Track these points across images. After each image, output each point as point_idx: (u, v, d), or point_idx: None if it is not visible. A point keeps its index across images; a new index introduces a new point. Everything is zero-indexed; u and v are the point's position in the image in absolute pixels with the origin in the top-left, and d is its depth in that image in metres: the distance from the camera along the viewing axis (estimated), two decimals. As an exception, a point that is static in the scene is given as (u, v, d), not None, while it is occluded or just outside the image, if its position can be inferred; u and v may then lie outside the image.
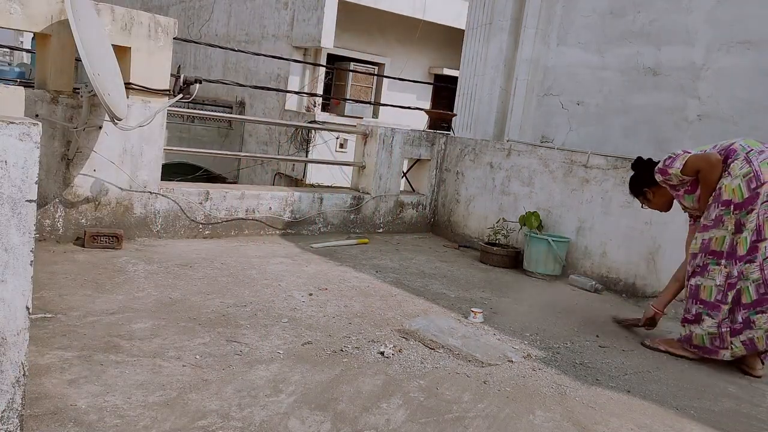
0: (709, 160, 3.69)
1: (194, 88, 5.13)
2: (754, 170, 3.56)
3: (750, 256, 3.61)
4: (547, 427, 2.76)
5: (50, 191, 4.58)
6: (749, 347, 3.68)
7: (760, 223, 3.56)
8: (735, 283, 3.67)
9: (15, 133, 1.89)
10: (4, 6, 4.20)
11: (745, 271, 3.64)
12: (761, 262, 3.59)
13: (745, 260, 3.63)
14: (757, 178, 3.55)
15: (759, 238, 3.58)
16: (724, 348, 3.73)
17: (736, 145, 3.69)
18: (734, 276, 3.67)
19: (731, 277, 3.67)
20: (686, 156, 3.77)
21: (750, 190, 3.56)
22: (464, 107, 7.27)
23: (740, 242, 3.63)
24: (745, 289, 3.64)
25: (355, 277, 4.77)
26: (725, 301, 3.69)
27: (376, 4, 12.96)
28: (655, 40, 5.67)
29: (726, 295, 3.69)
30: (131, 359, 2.88)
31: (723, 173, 3.67)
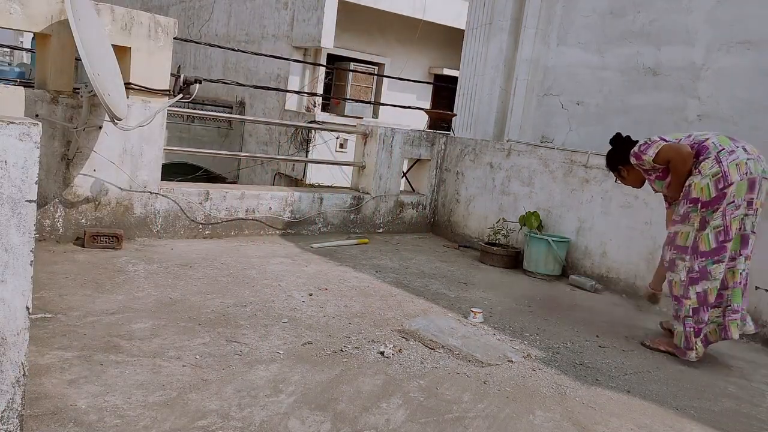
0: (681, 153, 3.77)
1: (194, 88, 5.13)
2: (722, 171, 3.62)
3: (717, 256, 3.69)
4: (547, 427, 2.76)
5: (50, 191, 4.58)
6: (705, 344, 3.86)
7: (727, 223, 3.65)
8: (697, 279, 3.75)
9: (15, 133, 1.89)
10: (4, 6, 4.20)
11: (712, 270, 3.71)
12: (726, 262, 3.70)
13: (712, 259, 3.70)
14: (725, 179, 3.62)
15: (726, 238, 3.67)
16: (689, 349, 3.82)
17: (709, 143, 3.74)
18: (696, 271, 3.75)
19: (692, 271, 3.77)
20: (660, 144, 3.84)
21: (717, 190, 3.63)
22: (464, 107, 7.27)
23: (702, 239, 3.71)
24: (712, 290, 3.72)
25: (355, 277, 4.77)
26: (687, 296, 3.78)
27: (376, 4, 12.96)
28: (655, 40, 5.67)
29: (688, 290, 3.77)
30: (131, 359, 2.88)
31: (693, 169, 3.74)
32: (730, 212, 3.64)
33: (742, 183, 3.62)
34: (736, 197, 3.63)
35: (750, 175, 3.62)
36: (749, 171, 3.62)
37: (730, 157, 3.64)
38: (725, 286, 3.78)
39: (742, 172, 3.62)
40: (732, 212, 3.64)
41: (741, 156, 3.65)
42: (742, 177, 3.62)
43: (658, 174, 3.96)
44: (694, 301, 3.77)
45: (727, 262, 3.72)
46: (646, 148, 3.89)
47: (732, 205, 3.63)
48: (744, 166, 3.62)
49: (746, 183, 3.62)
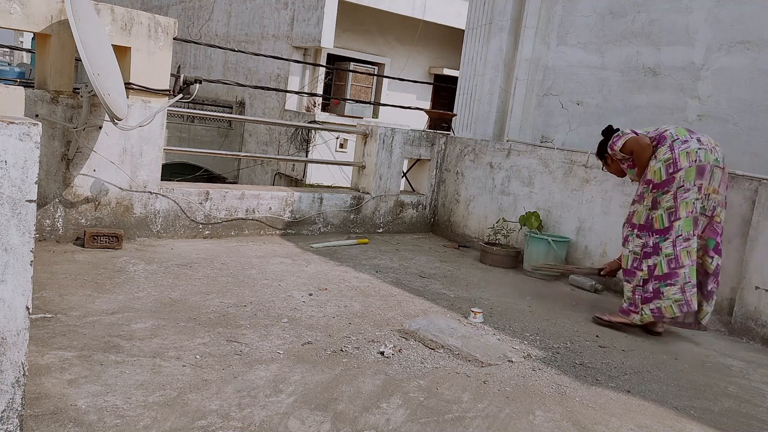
0: (640, 142, 4.24)
1: (194, 88, 5.14)
2: (674, 157, 4.07)
3: (666, 234, 4.10)
4: (547, 427, 2.76)
5: (50, 191, 4.58)
6: (657, 315, 4.15)
7: (677, 205, 4.07)
8: (650, 254, 4.16)
9: (15, 133, 1.89)
10: (4, 6, 4.20)
11: (662, 246, 4.11)
12: (674, 239, 4.08)
13: (663, 236, 4.11)
14: (675, 165, 4.06)
15: (675, 218, 4.08)
16: (635, 312, 4.23)
17: (667, 133, 4.19)
18: (649, 246, 4.17)
19: (646, 246, 4.18)
20: (628, 137, 4.29)
21: (668, 174, 4.07)
22: (464, 107, 7.27)
23: (656, 218, 4.14)
24: (659, 263, 4.12)
25: (355, 277, 4.77)
26: (640, 268, 4.19)
27: (376, 4, 12.97)
28: (655, 40, 5.67)
29: (641, 263, 4.19)
30: (131, 359, 2.88)
31: (652, 156, 4.18)
32: (680, 195, 4.05)
33: (691, 169, 4.03)
34: (685, 182, 4.03)
35: (699, 163, 4.02)
36: (699, 159, 4.03)
37: (682, 146, 4.07)
38: (680, 264, 4.08)
39: (692, 159, 4.03)
40: (682, 195, 4.05)
41: (693, 146, 4.06)
42: (691, 164, 4.03)
43: (629, 163, 4.40)
44: (645, 273, 4.18)
45: (680, 243, 4.07)
46: (617, 140, 4.34)
47: (681, 189, 4.04)
48: (694, 155, 4.03)
49: (695, 169, 4.03)
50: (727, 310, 4.63)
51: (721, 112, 5.24)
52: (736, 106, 5.15)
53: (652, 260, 4.14)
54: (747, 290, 4.45)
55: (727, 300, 4.64)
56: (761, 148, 5.00)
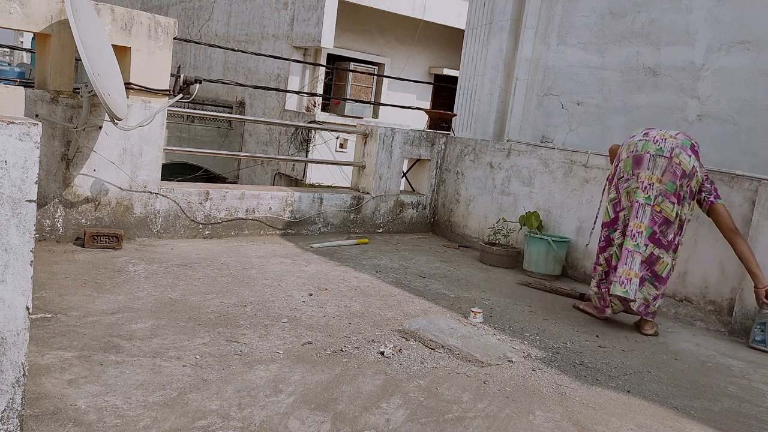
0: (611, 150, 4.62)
1: (194, 88, 5.14)
2: (620, 151, 4.34)
3: (615, 225, 4.28)
4: (547, 427, 2.76)
5: (50, 191, 4.58)
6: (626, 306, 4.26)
7: (620, 196, 4.26)
8: (604, 247, 4.37)
9: (15, 133, 1.89)
10: (4, 6, 4.20)
11: (613, 237, 4.28)
12: (622, 228, 4.23)
13: (612, 228, 4.29)
14: (618, 157, 4.30)
15: (620, 208, 4.26)
16: (606, 306, 4.36)
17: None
18: (603, 240, 4.38)
19: (601, 241, 4.40)
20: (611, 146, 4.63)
21: (614, 167, 4.32)
22: (464, 107, 7.27)
23: (604, 212, 4.38)
24: (614, 254, 4.26)
25: (355, 277, 4.77)
26: (599, 262, 4.39)
27: (376, 4, 12.96)
28: (655, 40, 5.67)
29: (599, 257, 4.39)
30: (131, 359, 2.88)
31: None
32: (621, 186, 4.26)
33: (628, 159, 4.25)
34: (624, 172, 4.25)
35: (636, 153, 4.21)
36: (636, 149, 4.22)
37: (628, 140, 4.33)
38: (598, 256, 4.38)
39: (630, 150, 4.25)
40: (622, 185, 4.25)
41: (636, 138, 4.28)
42: (629, 155, 4.25)
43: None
44: (604, 266, 4.36)
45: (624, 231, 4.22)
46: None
47: (622, 179, 4.25)
48: (633, 146, 4.24)
49: (631, 159, 4.23)
50: (727, 310, 4.63)
51: (721, 112, 5.24)
52: (736, 106, 5.15)
53: (607, 252, 4.33)
54: (747, 290, 4.44)
55: (727, 300, 4.64)
56: (761, 148, 5.00)
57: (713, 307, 4.72)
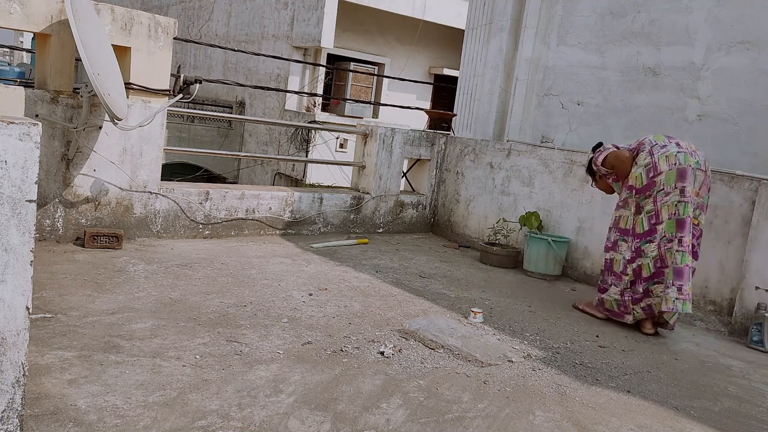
0: (619, 157, 4.38)
1: (194, 88, 5.14)
2: (653, 162, 4.16)
3: (649, 237, 4.22)
4: (547, 427, 2.76)
5: (50, 191, 4.58)
6: (648, 312, 4.29)
7: (658, 209, 4.16)
8: (634, 258, 4.29)
9: (15, 133, 1.89)
10: (4, 6, 4.20)
11: (645, 249, 4.24)
12: (659, 242, 4.19)
13: (645, 239, 4.23)
14: (655, 169, 4.15)
15: (657, 221, 4.18)
16: (627, 313, 4.36)
17: (646, 140, 4.31)
18: (634, 251, 4.30)
19: (632, 251, 4.31)
20: (607, 151, 4.44)
21: (648, 179, 4.18)
22: (464, 107, 7.27)
23: (638, 222, 4.27)
24: (646, 265, 4.25)
25: (355, 277, 4.77)
26: (626, 272, 4.33)
27: (376, 4, 12.96)
28: (655, 40, 5.67)
29: (626, 268, 4.32)
30: (131, 359, 2.88)
31: (633, 163, 4.30)
32: (660, 198, 4.14)
33: (671, 172, 4.10)
34: (665, 185, 4.11)
35: (680, 166, 4.09)
36: (679, 162, 4.10)
37: (661, 151, 4.17)
38: (666, 265, 4.18)
39: (671, 163, 4.11)
40: (662, 198, 4.13)
41: (672, 149, 4.15)
42: (671, 167, 4.10)
43: (614, 178, 4.51)
44: (630, 276, 4.31)
45: (664, 244, 4.17)
46: (599, 156, 4.48)
47: (662, 192, 4.13)
48: (673, 158, 4.11)
49: (675, 172, 4.10)
50: (727, 310, 4.63)
51: (721, 112, 5.24)
52: (736, 106, 5.15)
53: (636, 263, 4.28)
54: (747, 290, 4.45)
55: (727, 300, 4.64)
56: (761, 148, 5.00)
57: (713, 307, 4.72)
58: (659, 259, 4.19)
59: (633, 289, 4.31)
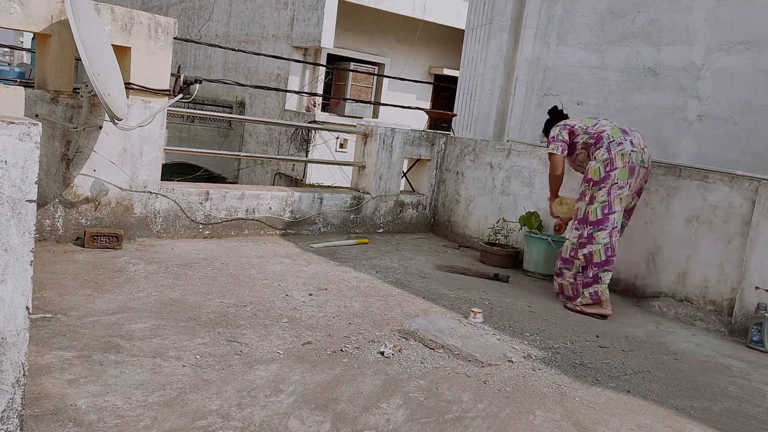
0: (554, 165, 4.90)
1: (194, 88, 5.13)
2: (610, 158, 4.60)
3: (601, 225, 4.60)
4: (546, 427, 2.76)
5: (50, 191, 4.58)
6: (594, 298, 4.60)
7: (611, 200, 4.59)
8: (585, 244, 4.65)
9: (15, 133, 1.89)
10: (4, 6, 4.20)
11: (597, 236, 4.61)
12: (611, 230, 4.59)
13: (597, 227, 4.61)
14: (611, 164, 4.58)
15: (610, 211, 4.59)
16: (579, 296, 4.67)
17: (604, 134, 4.70)
18: (584, 237, 4.65)
19: (582, 238, 4.67)
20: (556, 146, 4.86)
21: (605, 172, 4.60)
22: (464, 107, 7.27)
23: (591, 211, 4.65)
24: (597, 252, 4.60)
25: (355, 277, 4.77)
26: (577, 257, 4.68)
27: (376, 4, 12.97)
28: (655, 40, 5.67)
29: (577, 252, 4.67)
30: (131, 359, 2.88)
31: (591, 155, 4.74)
32: (614, 191, 4.58)
33: (624, 169, 4.57)
34: (619, 179, 4.57)
35: (631, 164, 4.58)
36: (631, 161, 4.57)
37: (618, 148, 4.60)
38: (615, 253, 4.62)
39: (626, 161, 4.57)
40: (616, 191, 4.58)
41: (627, 148, 4.59)
42: (625, 165, 4.57)
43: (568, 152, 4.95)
44: (582, 261, 4.65)
45: (615, 234, 4.61)
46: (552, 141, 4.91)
47: (616, 186, 4.57)
48: (627, 157, 4.57)
49: (627, 170, 4.57)
50: (727, 310, 4.63)
51: (721, 112, 5.24)
52: (736, 106, 5.15)
53: (587, 249, 4.63)
54: (747, 290, 4.45)
55: (727, 300, 4.64)
56: (761, 148, 5.00)
57: (713, 307, 4.72)
58: (610, 248, 4.59)
59: (584, 274, 4.65)
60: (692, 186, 4.91)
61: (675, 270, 4.97)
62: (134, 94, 4.81)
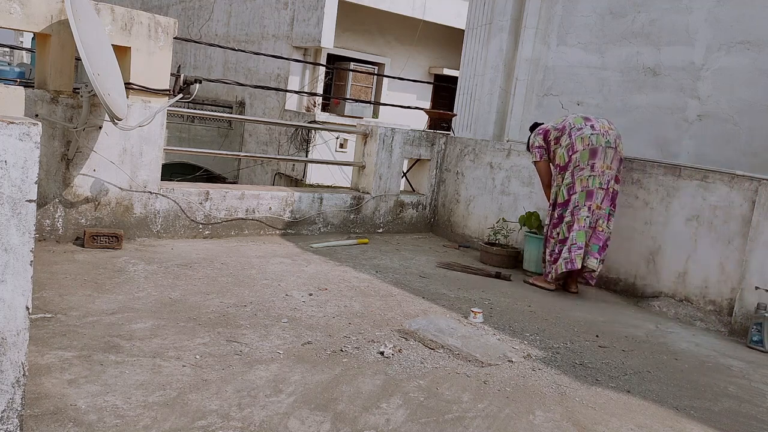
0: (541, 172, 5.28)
1: (194, 88, 5.13)
2: (571, 142, 4.96)
3: (566, 205, 4.98)
4: (546, 427, 2.76)
5: (50, 191, 4.58)
6: (557, 272, 4.97)
7: (573, 181, 4.94)
8: (557, 224, 5.06)
9: (15, 133, 1.89)
10: (4, 6, 4.20)
11: (563, 215, 4.99)
12: (572, 209, 4.95)
13: (564, 207, 4.98)
14: (572, 148, 4.95)
15: (573, 192, 4.95)
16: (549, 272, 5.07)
17: (566, 123, 5.06)
18: (556, 218, 5.07)
19: (553, 218, 5.09)
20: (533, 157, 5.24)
21: (568, 156, 4.98)
22: (464, 107, 7.27)
23: (559, 193, 5.04)
24: (562, 230, 5.01)
25: (355, 277, 4.77)
26: (552, 236, 5.08)
27: (376, 4, 12.96)
28: (655, 40, 5.67)
29: (552, 232, 5.09)
30: (131, 359, 2.88)
31: (557, 145, 5.08)
32: (576, 173, 4.92)
33: (584, 152, 4.89)
34: (580, 161, 4.90)
35: (592, 146, 4.87)
36: (591, 143, 4.88)
37: (578, 133, 4.95)
38: (573, 229, 4.94)
39: (585, 143, 4.90)
40: (578, 173, 4.91)
41: (586, 132, 4.92)
42: (585, 147, 4.89)
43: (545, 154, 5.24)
44: (555, 240, 5.04)
45: (576, 212, 4.92)
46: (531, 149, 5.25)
47: (577, 168, 4.92)
48: (587, 139, 4.89)
49: (588, 152, 4.88)
50: (727, 310, 4.63)
51: (721, 112, 5.24)
52: (736, 106, 5.15)
53: (558, 228, 5.04)
54: (747, 290, 4.45)
55: (727, 300, 4.64)
56: (761, 148, 5.00)
57: (713, 307, 4.72)
58: (570, 225, 4.95)
59: (552, 251, 5.07)
60: (692, 186, 4.91)
61: (675, 270, 4.97)
62: (134, 94, 4.81)
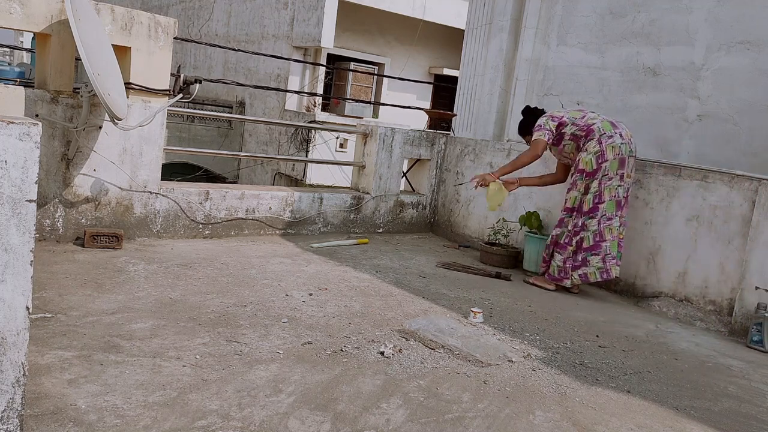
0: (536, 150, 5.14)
1: (194, 88, 5.13)
2: (602, 150, 4.92)
3: (593, 214, 4.96)
4: (546, 427, 2.76)
5: (50, 191, 4.58)
6: (584, 279, 5.04)
7: (601, 190, 4.93)
8: (579, 232, 5.02)
9: (15, 133, 1.89)
10: (4, 6, 4.20)
11: (588, 224, 4.98)
12: (600, 218, 4.95)
13: (589, 216, 4.97)
14: (603, 156, 4.91)
15: (600, 201, 4.94)
16: (566, 278, 5.09)
17: (594, 127, 4.99)
18: (579, 226, 5.02)
19: (576, 226, 5.03)
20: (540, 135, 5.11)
21: (597, 164, 4.93)
22: (464, 107, 7.27)
23: (585, 201, 5.00)
24: (587, 238, 5.00)
25: (355, 277, 4.77)
26: (570, 243, 5.05)
27: (376, 4, 12.97)
28: (655, 40, 5.67)
29: (571, 239, 5.05)
30: (131, 359, 2.88)
31: (581, 147, 5.04)
32: (604, 182, 4.92)
33: (614, 161, 4.90)
34: (609, 171, 4.90)
35: (621, 156, 4.90)
36: (621, 153, 4.90)
37: (608, 141, 4.91)
38: (603, 239, 4.96)
39: (616, 153, 4.90)
40: (606, 182, 4.92)
41: (617, 141, 4.91)
42: (615, 157, 4.90)
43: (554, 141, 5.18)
44: (573, 247, 5.04)
45: (604, 221, 4.94)
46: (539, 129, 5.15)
47: (606, 177, 4.91)
48: (618, 149, 4.90)
49: (617, 161, 4.90)
50: (727, 310, 4.63)
51: (721, 112, 5.24)
52: (736, 106, 5.15)
53: (580, 236, 5.01)
54: (747, 290, 4.45)
55: (727, 300, 4.64)
56: (761, 148, 5.00)
57: (713, 307, 4.72)
58: (598, 234, 4.95)
59: (574, 258, 5.03)
60: (692, 186, 4.91)
61: (675, 270, 4.97)
62: (134, 94, 4.81)
